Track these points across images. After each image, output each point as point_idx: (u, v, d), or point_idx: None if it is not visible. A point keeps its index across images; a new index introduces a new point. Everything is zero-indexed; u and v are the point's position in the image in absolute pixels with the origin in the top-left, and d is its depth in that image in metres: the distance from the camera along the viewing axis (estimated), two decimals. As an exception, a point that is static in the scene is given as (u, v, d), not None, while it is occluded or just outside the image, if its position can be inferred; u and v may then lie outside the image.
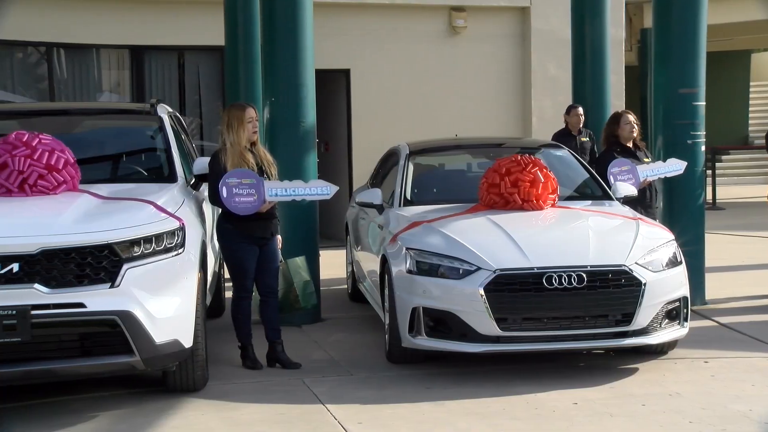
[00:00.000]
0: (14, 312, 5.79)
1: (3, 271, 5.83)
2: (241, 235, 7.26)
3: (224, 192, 7.05)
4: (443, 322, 7.00)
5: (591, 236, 7.27)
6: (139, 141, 8.08)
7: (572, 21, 12.19)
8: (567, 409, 6.33)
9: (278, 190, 7.18)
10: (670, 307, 7.16)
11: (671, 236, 7.56)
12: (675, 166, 8.85)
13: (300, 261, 7.77)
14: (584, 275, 6.83)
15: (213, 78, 14.42)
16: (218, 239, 7.45)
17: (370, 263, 8.64)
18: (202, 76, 14.45)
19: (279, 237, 7.56)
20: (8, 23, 13.02)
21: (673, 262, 7.27)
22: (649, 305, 6.95)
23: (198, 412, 6.36)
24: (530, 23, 15.48)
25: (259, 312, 7.50)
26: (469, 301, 6.83)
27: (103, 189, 6.84)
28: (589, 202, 8.33)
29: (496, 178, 7.79)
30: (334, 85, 15.00)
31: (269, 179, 7.29)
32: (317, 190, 7.38)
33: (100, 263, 6.01)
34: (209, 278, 7.52)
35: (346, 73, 14.91)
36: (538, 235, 7.38)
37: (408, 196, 8.36)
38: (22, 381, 6.19)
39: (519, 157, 7.93)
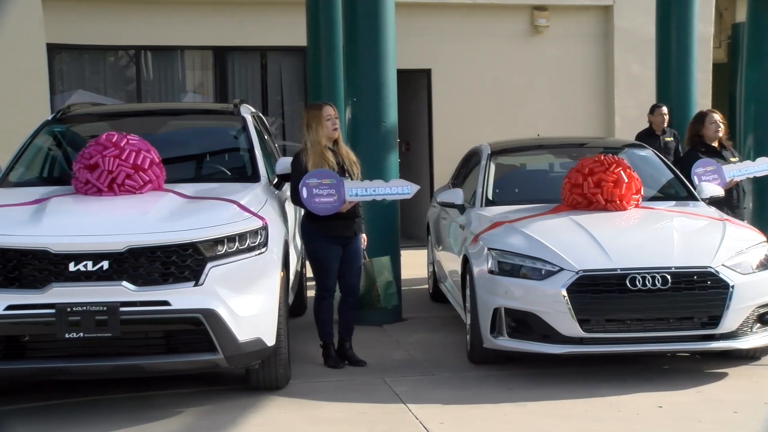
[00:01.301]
0: (105, 308, 5.92)
1: (94, 269, 5.96)
2: (324, 235, 7.29)
3: (304, 192, 7.09)
4: (525, 323, 6.95)
5: (675, 237, 7.15)
6: (223, 141, 8.17)
7: (657, 18, 11.97)
8: (651, 413, 6.23)
9: (358, 190, 7.19)
10: (762, 311, 6.96)
11: (762, 238, 7.36)
12: (765, 165, 8.64)
13: (384, 260, 7.77)
14: (668, 276, 6.72)
15: (295, 78, 14.54)
16: (302, 238, 7.50)
17: (451, 263, 8.62)
18: (285, 76, 14.57)
19: (364, 236, 7.58)
20: (99, 30, 13.32)
21: (764, 265, 7.08)
22: (738, 308, 6.80)
23: (280, 410, 6.42)
24: (613, 22, 15.28)
25: (338, 309, 7.54)
26: (551, 302, 6.78)
27: (188, 188, 6.93)
28: (674, 202, 8.19)
29: (578, 178, 7.72)
30: (416, 85, 15.00)
31: (352, 178, 7.31)
32: (398, 189, 7.37)
33: (185, 262, 6.10)
34: (291, 277, 7.57)
35: (427, 73, 14.90)
36: (621, 235, 7.28)
37: (490, 196, 8.32)
38: (112, 375, 6.33)
39: (602, 157, 7.84)
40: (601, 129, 15.37)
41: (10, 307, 5.94)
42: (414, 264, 10.85)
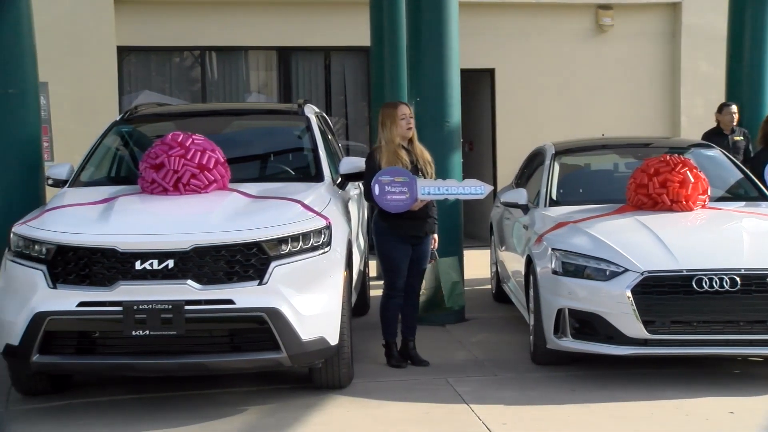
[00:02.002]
0: (170, 306, 5.98)
1: (160, 267, 6.03)
2: (396, 234, 7.28)
3: (376, 189, 7.09)
4: (589, 324, 6.89)
5: (745, 238, 7.03)
6: (287, 141, 8.22)
7: (730, 13, 11.67)
8: (722, 418, 6.11)
9: (431, 189, 7.17)
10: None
11: None
12: None
13: (451, 261, 7.74)
14: (737, 278, 6.61)
15: (358, 78, 14.57)
16: (374, 237, 7.50)
17: (514, 263, 8.58)
18: (348, 76, 14.61)
19: (435, 237, 7.56)
20: (165, 31, 13.50)
21: None
22: (815, 312, 6.61)
23: (343, 409, 6.44)
24: (681, 19, 15.06)
25: (400, 309, 7.52)
26: (615, 303, 6.71)
27: (252, 188, 6.98)
28: (743, 203, 8.06)
29: (644, 178, 7.63)
30: (479, 84, 14.95)
31: (425, 177, 7.29)
32: (471, 189, 7.32)
33: (249, 261, 6.14)
34: (354, 276, 7.59)
35: (490, 72, 14.85)
36: (687, 236, 7.18)
37: (553, 197, 8.26)
38: (177, 373, 6.40)
39: (668, 157, 7.74)
40: (666, 129, 15.18)
41: (81, 304, 6.05)
42: (477, 264, 10.82)
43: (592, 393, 6.67)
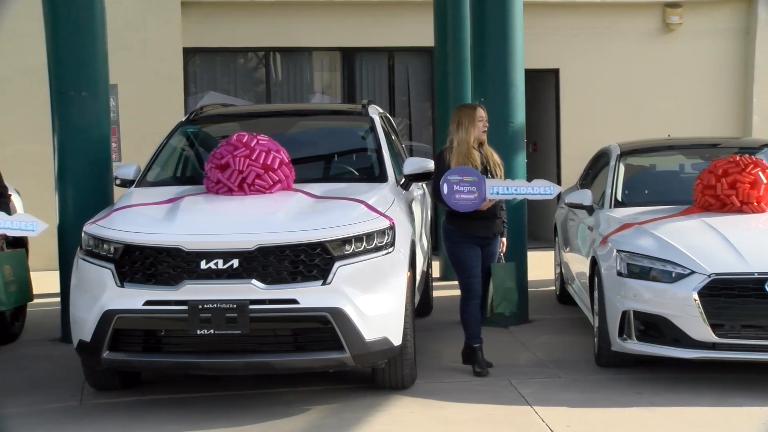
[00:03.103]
0: (235, 306, 6.03)
1: (224, 267, 6.08)
2: (465, 235, 7.24)
3: (445, 189, 7.08)
4: (655, 327, 6.80)
5: (819, 240, 6.88)
6: (351, 141, 8.25)
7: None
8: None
9: (499, 189, 7.13)
10: None
11: None
12: None
13: (507, 267, 7.68)
14: (812, 282, 6.47)
15: (422, 79, 14.56)
16: (443, 241, 7.48)
17: (578, 265, 8.51)
18: (412, 76, 14.61)
19: (503, 240, 7.51)
20: (230, 32, 13.63)
21: None
22: None
23: (406, 410, 6.44)
24: (756, 15, 14.76)
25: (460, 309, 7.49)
26: (682, 306, 6.62)
27: (316, 188, 7.00)
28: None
29: (711, 179, 7.51)
30: (543, 85, 14.85)
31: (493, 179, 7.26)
32: (540, 189, 7.27)
33: (313, 261, 6.17)
34: (418, 277, 7.58)
35: (555, 72, 14.74)
36: (758, 238, 7.04)
37: (619, 198, 8.18)
38: (242, 372, 6.45)
39: (738, 158, 7.61)
40: (736, 129, 14.91)
41: (148, 303, 6.13)
42: (541, 265, 10.75)
43: (658, 396, 6.58)
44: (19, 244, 7.43)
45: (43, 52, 8.67)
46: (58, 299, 8.51)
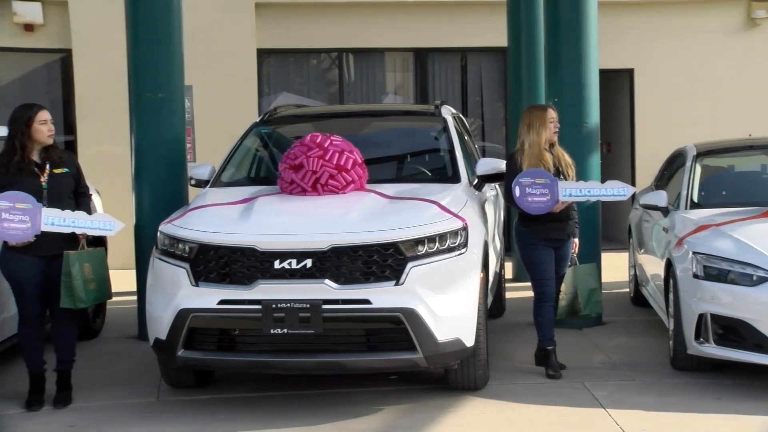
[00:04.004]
0: (308, 305, 6.06)
1: (298, 266, 6.12)
2: (538, 238, 7.19)
3: (517, 191, 7.04)
4: (734, 331, 6.67)
5: None
6: (424, 142, 8.24)
7: None
8: None
9: (572, 190, 7.08)
10: None
11: None
12: None
13: (589, 268, 7.61)
14: None
15: (494, 79, 14.49)
16: (516, 243, 7.44)
17: (653, 267, 8.39)
18: (484, 77, 14.55)
19: (576, 241, 7.44)
20: (303, 33, 13.73)
21: None
22: None
23: (478, 411, 6.42)
24: None
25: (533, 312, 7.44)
26: (764, 310, 6.47)
27: (389, 188, 7.01)
28: None
29: (794, 180, 7.36)
30: (617, 85, 14.69)
31: (566, 180, 7.20)
32: (614, 191, 7.19)
33: (386, 261, 6.17)
34: (491, 278, 7.55)
35: (629, 72, 14.55)
36: None
37: (695, 199, 8.05)
38: (315, 371, 6.47)
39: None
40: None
41: (222, 302, 6.19)
42: (614, 267, 10.62)
43: (740, 403, 6.43)
44: (98, 242, 7.56)
45: (124, 58, 8.84)
46: (135, 297, 8.65)
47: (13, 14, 12.90)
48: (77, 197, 6.80)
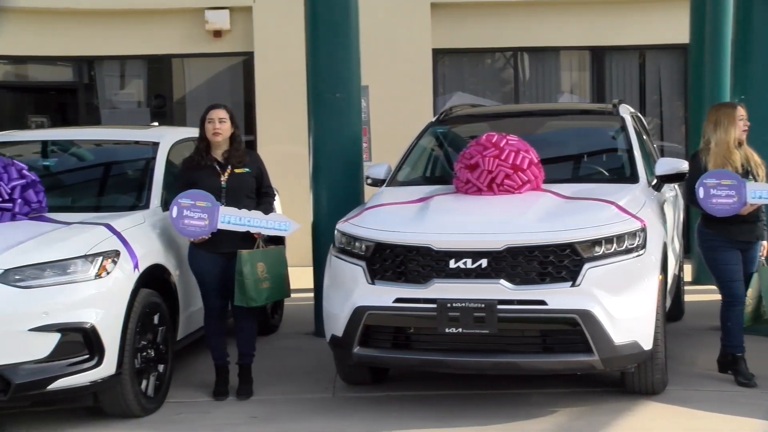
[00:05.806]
0: (483, 305, 6.05)
1: (473, 266, 6.12)
2: (722, 240, 6.97)
3: (701, 192, 6.81)
4: None
5: None
6: (601, 141, 8.10)
7: None
8: None
9: (763, 193, 6.78)
10: None
11: None
12: None
13: None
14: None
15: (674, 77, 14.11)
16: (698, 245, 7.22)
17: None
18: (663, 75, 14.19)
19: (764, 243, 7.13)
20: (478, 33, 13.71)
21: None
22: None
23: (655, 416, 6.27)
24: None
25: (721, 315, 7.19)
26: None
27: (565, 189, 6.93)
28: None
29: None
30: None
31: (755, 180, 6.93)
32: None
33: (562, 262, 6.10)
34: (669, 281, 7.35)
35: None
36: None
37: None
38: (489, 371, 6.46)
39: None
40: None
41: (397, 300, 6.25)
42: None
43: None
44: (278, 241, 7.77)
45: (302, 58, 9.04)
46: (312, 294, 8.84)
47: (205, 22, 13.51)
48: (259, 197, 7.01)
